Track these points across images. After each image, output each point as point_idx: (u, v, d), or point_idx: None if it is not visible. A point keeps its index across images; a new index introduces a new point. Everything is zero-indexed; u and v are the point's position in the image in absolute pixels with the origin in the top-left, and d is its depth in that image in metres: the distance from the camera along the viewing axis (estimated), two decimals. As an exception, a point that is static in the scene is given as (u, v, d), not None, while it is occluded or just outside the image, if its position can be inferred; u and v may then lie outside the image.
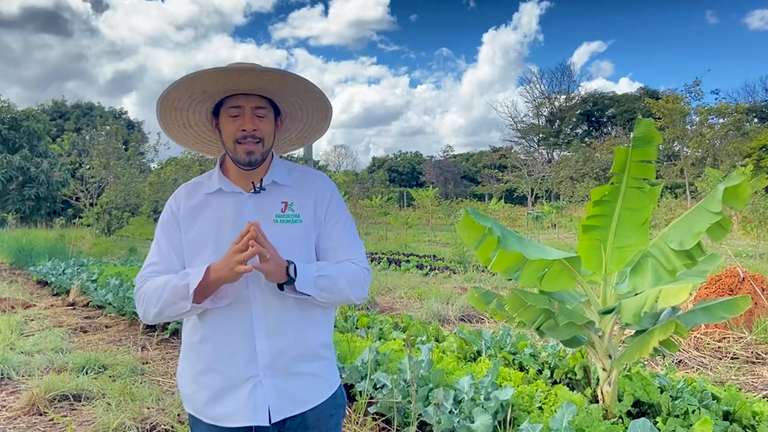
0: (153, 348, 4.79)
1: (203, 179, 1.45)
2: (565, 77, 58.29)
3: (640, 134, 2.18)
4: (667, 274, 2.34)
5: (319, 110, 1.44)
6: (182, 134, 1.47)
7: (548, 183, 38.67)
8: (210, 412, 1.33)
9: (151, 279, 1.32)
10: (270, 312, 1.32)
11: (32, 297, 7.67)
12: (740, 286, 4.12)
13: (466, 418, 2.47)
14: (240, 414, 1.30)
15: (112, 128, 29.77)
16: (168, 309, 1.27)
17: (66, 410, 3.37)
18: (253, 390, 1.30)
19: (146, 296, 1.31)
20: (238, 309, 1.31)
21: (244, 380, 1.30)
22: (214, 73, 1.24)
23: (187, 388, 1.38)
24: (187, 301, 1.24)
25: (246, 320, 1.31)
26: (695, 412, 2.39)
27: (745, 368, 3.86)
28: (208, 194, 1.39)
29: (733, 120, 30.19)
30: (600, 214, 2.45)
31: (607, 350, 2.54)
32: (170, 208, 1.41)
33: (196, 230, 1.36)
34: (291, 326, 1.34)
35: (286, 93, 1.36)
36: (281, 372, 1.32)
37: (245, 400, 1.29)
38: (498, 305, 2.68)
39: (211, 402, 1.32)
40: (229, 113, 1.33)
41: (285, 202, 1.38)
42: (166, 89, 1.29)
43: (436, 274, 9.55)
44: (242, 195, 1.37)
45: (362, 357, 3.18)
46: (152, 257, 1.38)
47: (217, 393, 1.32)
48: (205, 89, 1.31)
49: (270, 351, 1.31)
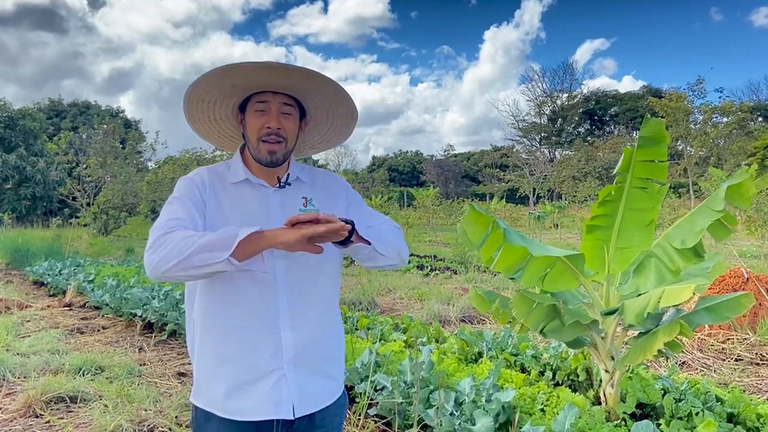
0: (150, 349, 4.76)
1: (221, 169, 1.41)
2: (567, 75, 57.99)
3: (647, 134, 2.16)
4: (671, 275, 2.32)
5: (345, 115, 1.45)
6: (206, 128, 1.47)
7: (550, 182, 38.38)
8: (229, 405, 1.29)
9: (182, 230, 1.19)
10: (295, 306, 1.32)
11: (28, 298, 7.62)
12: (744, 287, 4.11)
13: (468, 420, 2.45)
14: (263, 407, 1.27)
15: (109, 127, 29.71)
16: (197, 256, 1.12)
17: (62, 412, 3.34)
18: (277, 383, 1.28)
19: (174, 242, 1.15)
20: (265, 300, 1.30)
21: (269, 372, 1.28)
22: (248, 67, 1.24)
23: (203, 380, 1.34)
24: (226, 251, 1.11)
25: (272, 311, 1.30)
26: (699, 414, 2.37)
27: (750, 370, 3.84)
28: (233, 183, 1.37)
29: (737, 119, 29.98)
30: (603, 214, 2.44)
31: (609, 352, 2.52)
32: (194, 182, 1.34)
33: (223, 218, 1.31)
34: (314, 322, 1.35)
35: (314, 94, 1.36)
36: (304, 368, 1.32)
37: (269, 393, 1.28)
38: (500, 306, 2.66)
39: (232, 394, 1.29)
40: (256, 108, 1.33)
41: (305, 198, 1.40)
42: (196, 81, 1.29)
43: (436, 274, 9.52)
44: (268, 189, 1.37)
45: (362, 358, 3.16)
46: (177, 213, 1.25)
47: (238, 385, 1.28)
48: (234, 83, 1.31)
49: (296, 345, 1.31)
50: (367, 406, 2.86)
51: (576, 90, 56.92)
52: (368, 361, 3.11)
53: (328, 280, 1.39)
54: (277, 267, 1.31)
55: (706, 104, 30.73)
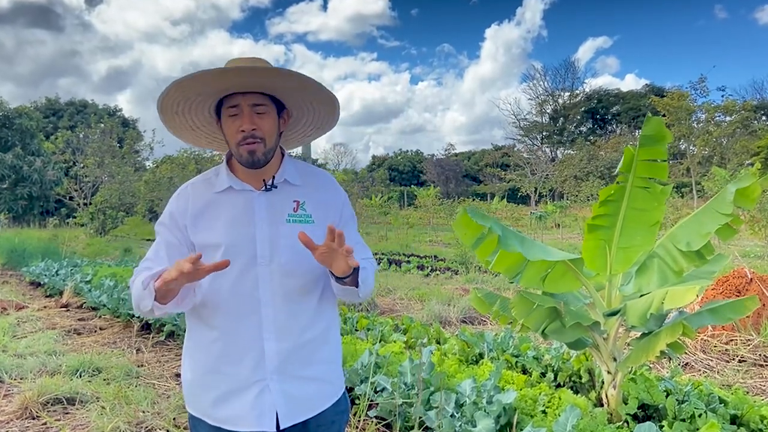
0: (148, 350, 4.73)
1: (210, 176, 1.39)
2: (569, 74, 57.40)
3: (649, 132, 2.14)
4: (674, 275, 2.30)
5: (324, 103, 1.38)
6: (193, 136, 1.44)
7: (552, 182, 38.04)
8: (216, 413, 1.29)
9: (139, 276, 1.29)
10: (279, 314, 1.30)
11: (25, 298, 7.58)
12: (748, 287, 4.09)
13: (468, 422, 2.43)
14: (246, 418, 1.27)
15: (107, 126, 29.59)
16: (141, 304, 1.24)
17: (59, 414, 3.31)
18: (260, 394, 1.27)
19: (132, 291, 1.29)
20: (248, 310, 1.29)
21: (252, 384, 1.28)
22: (203, 75, 1.20)
23: (192, 389, 1.35)
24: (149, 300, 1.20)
25: (255, 322, 1.28)
26: (702, 415, 2.35)
27: (753, 371, 3.81)
28: (216, 193, 1.35)
29: (741, 118, 29.58)
30: (605, 214, 2.42)
31: (611, 353, 2.51)
32: (171, 210, 1.35)
33: (206, 231, 1.32)
34: (304, 328, 1.32)
35: (284, 89, 1.31)
36: (289, 376, 1.30)
37: (251, 405, 1.27)
38: (501, 307, 2.64)
39: (218, 403, 1.29)
40: (229, 113, 1.29)
41: (297, 201, 1.35)
42: (160, 97, 1.26)
43: (437, 274, 9.49)
44: (253, 193, 1.34)
45: (362, 360, 3.14)
46: (149, 254, 1.36)
47: (223, 395, 1.29)
48: (199, 92, 1.27)
49: (278, 354, 1.29)
50: (367, 407, 2.83)
51: (578, 89, 56.52)
52: (368, 363, 3.09)
53: (319, 284, 1.36)
54: (260, 276, 1.28)
55: (709, 103, 30.31)
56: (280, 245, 1.30)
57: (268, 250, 1.29)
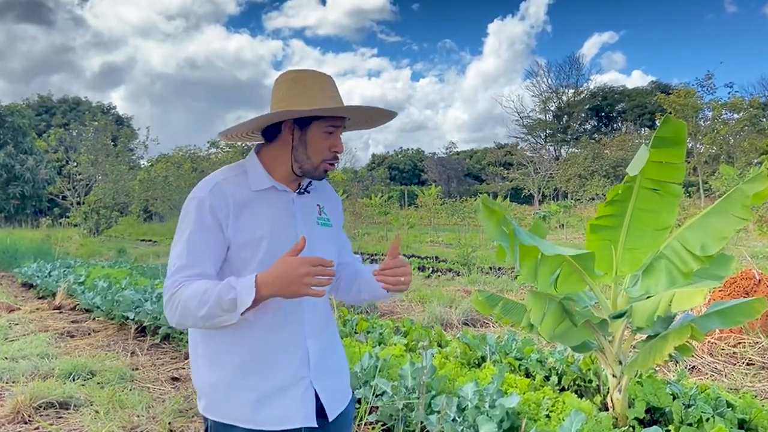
0: (143, 353, 4.66)
1: (237, 173, 1.33)
2: (573, 70, 55.77)
3: (665, 134, 2.10)
4: (682, 277, 2.27)
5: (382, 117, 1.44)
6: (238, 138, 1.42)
7: (556, 181, 37.41)
8: (258, 415, 1.26)
9: (186, 285, 1.20)
10: (318, 311, 1.36)
11: (17, 300, 7.49)
12: (756, 289, 4.07)
13: (471, 426, 2.40)
14: (294, 416, 1.28)
15: (101, 124, 29.39)
16: (211, 321, 1.18)
17: (52, 418, 3.25)
18: (306, 390, 1.31)
19: (182, 304, 1.18)
20: (293, 308, 1.31)
21: (297, 381, 1.30)
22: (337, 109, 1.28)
23: (223, 393, 1.27)
24: (234, 313, 1.16)
25: (299, 320, 1.32)
26: (709, 420, 2.32)
27: (761, 375, 3.77)
28: (255, 191, 1.32)
29: (749, 115, 29.15)
30: (611, 214, 2.38)
31: (617, 356, 2.47)
32: (208, 204, 1.25)
33: (249, 228, 1.28)
34: (324, 323, 1.40)
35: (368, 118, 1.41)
36: (325, 370, 1.35)
37: (300, 401, 1.29)
38: (503, 311, 2.59)
39: (260, 404, 1.26)
40: (325, 130, 1.31)
41: (319, 205, 1.43)
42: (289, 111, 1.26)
43: (438, 276, 9.41)
44: (291, 194, 1.37)
45: (362, 362, 3.10)
46: (182, 259, 1.23)
47: (267, 395, 1.27)
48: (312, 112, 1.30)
49: (318, 351, 1.35)
50: (368, 411, 2.79)
51: (582, 85, 55.23)
52: (368, 365, 3.05)
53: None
54: None
55: (716, 100, 29.66)
56: (315, 245, 1.34)
57: (308, 248, 1.26)
